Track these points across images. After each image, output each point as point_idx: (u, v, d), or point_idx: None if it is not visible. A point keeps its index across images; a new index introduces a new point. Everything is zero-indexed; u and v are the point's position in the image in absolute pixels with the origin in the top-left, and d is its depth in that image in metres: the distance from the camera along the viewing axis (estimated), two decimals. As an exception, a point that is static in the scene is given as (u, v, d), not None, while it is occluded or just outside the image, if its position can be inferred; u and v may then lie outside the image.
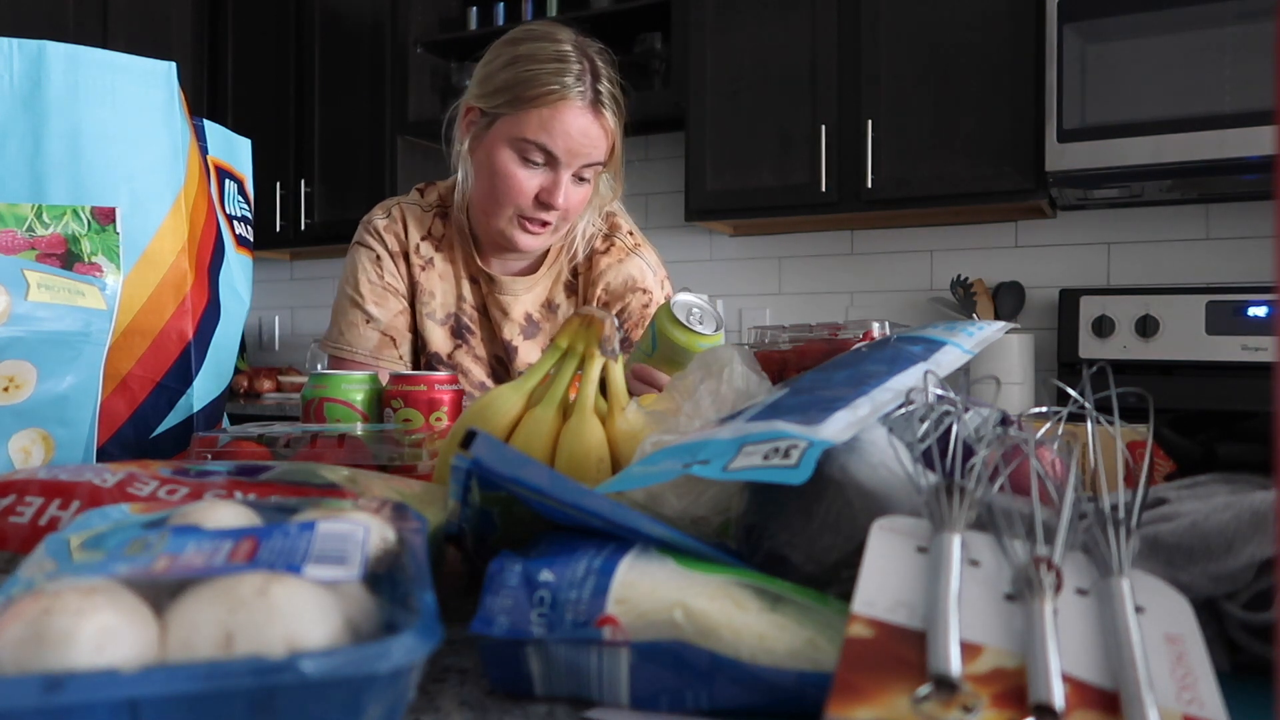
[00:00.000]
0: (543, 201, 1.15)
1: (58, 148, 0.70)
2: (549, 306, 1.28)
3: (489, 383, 1.28)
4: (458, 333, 1.27)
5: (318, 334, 3.51)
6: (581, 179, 1.17)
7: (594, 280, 1.26)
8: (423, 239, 1.26)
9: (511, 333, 1.27)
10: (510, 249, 1.22)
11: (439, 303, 1.26)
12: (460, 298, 1.27)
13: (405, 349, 1.27)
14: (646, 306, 1.25)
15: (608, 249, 1.27)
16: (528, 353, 1.27)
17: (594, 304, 1.26)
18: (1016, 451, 0.43)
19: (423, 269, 1.26)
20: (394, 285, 1.26)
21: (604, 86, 1.15)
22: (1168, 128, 2.05)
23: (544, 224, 1.17)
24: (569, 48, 1.14)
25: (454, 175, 1.26)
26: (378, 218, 1.28)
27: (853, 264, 2.81)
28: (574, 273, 1.29)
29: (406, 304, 1.27)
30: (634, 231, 1.31)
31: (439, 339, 1.27)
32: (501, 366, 1.28)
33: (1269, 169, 2.04)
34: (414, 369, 1.29)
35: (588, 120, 1.13)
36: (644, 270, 1.27)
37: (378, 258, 1.25)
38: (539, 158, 1.14)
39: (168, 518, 0.39)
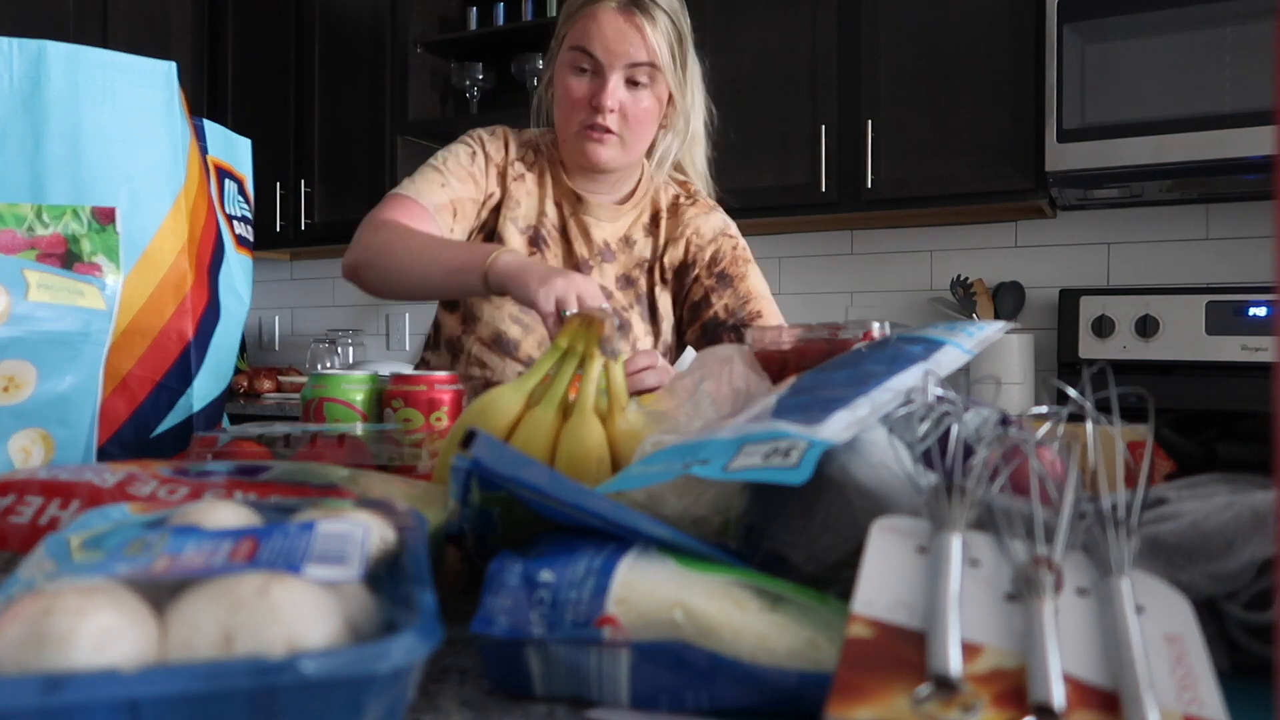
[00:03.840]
0: (595, 106, 1.23)
1: (58, 148, 0.70)
2: (627, 241, 1.36)
3: None
4: (535, 243, 1.32)
5: (318, 334, 3.51)
6: (636, 84, 1.23)
7: (683, 225, 1.36)
8: (518, 158, 1.34)
9: (588, 253, 1.33)
10: (589, 167, 1.28)
11: (522, 212, 1.32)
12: (542, 213, 1.33)
13: (460, 229, 1.30)
14: (735, 249, 1.36)
15: (693, 202, 1.38)
16: (600, 275, 1.33)
17: (685, 248, 1.35)
18: (1016, 451, 0.43)
19: (515, 180, 1.33)
20: (477, 177, 1.31)
21: None
22: (1168, 128, 2.05)
23: (606, 130, 1.23)
24: None
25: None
26: (481, 130, 1.36)
27: (853, 264, 2.81)
28: (653, 218, 1.37)
29: (480, 201, 1.31)
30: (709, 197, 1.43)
31: (517, 244, 1.32)
32: None
33: (1269, 169, 2.04)
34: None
35: (621, 20, 1.22)
36: (728, 222, 1.40)
37: (473, 153, 1.32)
38: (586, 64, 1.23)
39: (168, 518, 0.39)
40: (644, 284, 1.36)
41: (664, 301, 1.37)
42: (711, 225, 1.37)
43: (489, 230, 1.33)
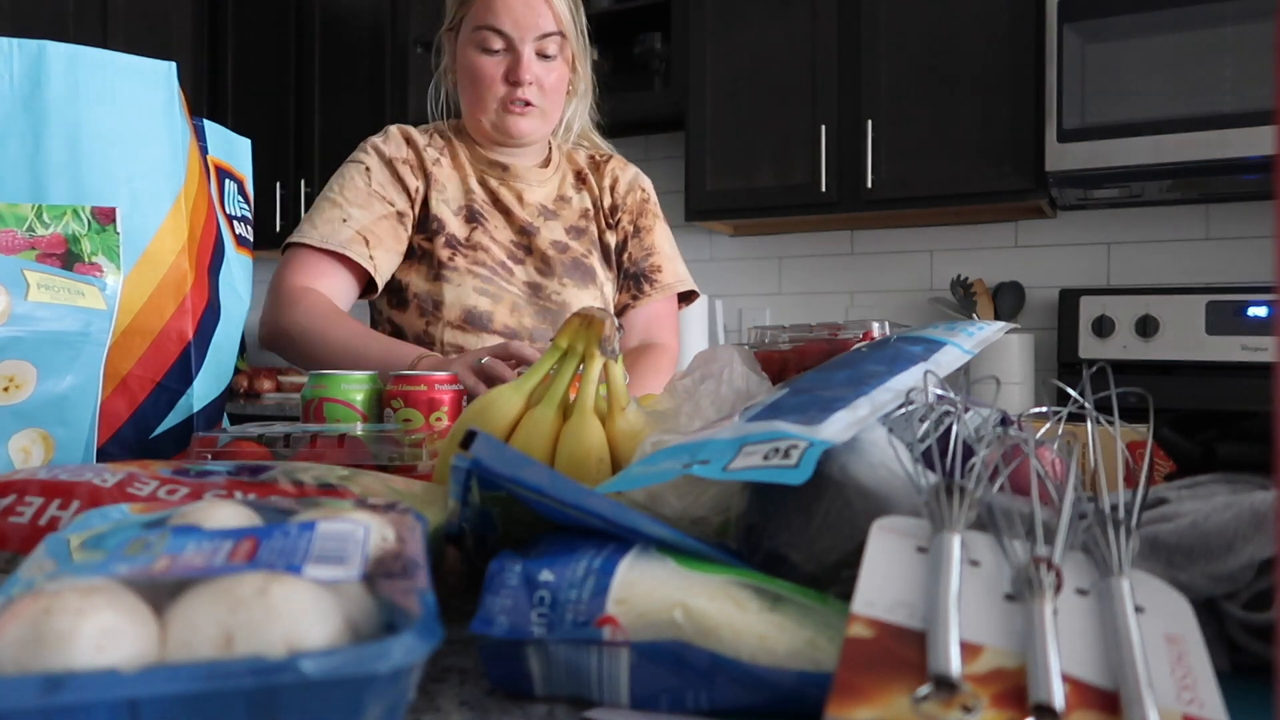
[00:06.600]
0: (513, 81, 1.26)
1: (58, 148, 0.70)
2: (562, 199, 1.39)
3: (508, 262, 1.32)
4: (472, 219, 1.32)
5: (318, 334, 3.50)
6: (545, 56, 1.27)
7: (607, 176, 1.43)
8: (428, 145, 1.34)
9: (530, 215, 1.34)
10: (511, 140, 1.31)
11: (450, 194, 1.32)
12: (469, 191, 1.33)
13: (381, 257, 1.26)
14: (646, 202, 1.45)
15: (609, 158, 1.45)
16: (549, 231, 1.34)
17: (612, 195, 1.41)
18: (1016, 451, 0.43)
19: (434, 165, 1.32)
20: (381, 193, 1.28)
21: None
22: (1168, 128, 2.05)
23: (526, 103, 1.27)
24: None
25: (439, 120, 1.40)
26: (373, 139, 1.33)
27: (853, 264, 2.81)
28: (578, 175, 1.42)
29: (400, 212, 1.28)
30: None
31: (455, 224, 1.31)
32: (525, 237, 1.34)
33: (1269, 169, 2.04)
34: (391, 281, 1.30)
35: None
36: (640, 175, 1.47)
37: (367, 169, 1.29)
38: (497, 43, 1.25)
39: (168, 518, 0.39)
40: (594, 230, 1.39)
41: (614, 244, 1.42)
42: (628, 176, 1.44)
43: (423, 224, 1.30)
